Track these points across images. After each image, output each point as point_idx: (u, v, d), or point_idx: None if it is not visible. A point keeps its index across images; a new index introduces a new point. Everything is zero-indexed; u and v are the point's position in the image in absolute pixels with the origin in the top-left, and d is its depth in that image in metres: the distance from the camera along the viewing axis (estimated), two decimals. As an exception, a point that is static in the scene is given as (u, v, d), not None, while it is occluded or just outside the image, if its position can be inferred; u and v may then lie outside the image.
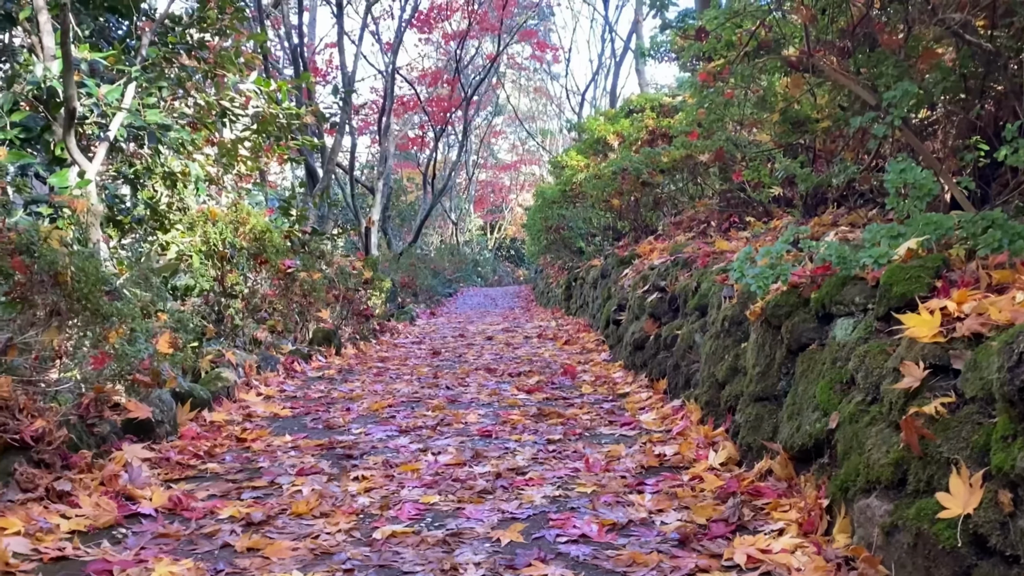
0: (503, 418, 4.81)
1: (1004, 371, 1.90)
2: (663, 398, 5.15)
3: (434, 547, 2.76)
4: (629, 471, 3.63)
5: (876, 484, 2.45)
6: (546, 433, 4.42)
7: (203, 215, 7.58)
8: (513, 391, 5.79)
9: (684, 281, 5.61)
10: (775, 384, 3.57)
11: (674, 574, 2.48)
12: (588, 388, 5.91)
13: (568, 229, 15.28)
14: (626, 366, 6.63)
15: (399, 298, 16.21)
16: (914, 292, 2.67)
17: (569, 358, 7.76)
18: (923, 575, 2.11)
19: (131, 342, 3.64)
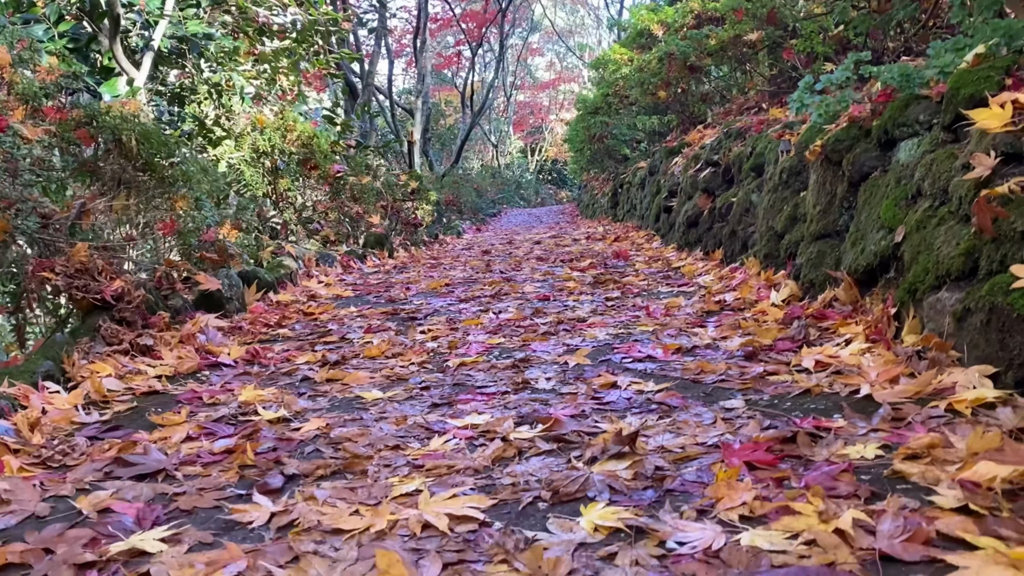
0: (559, 287, 4.86)
1: (1084, 122, 1.86)
2: (719, 265, 5.14)
3: (504, 370, 2.84)
4: (690, 315, 3.66)
5: (946, 278, 2.44)
6: (603, 295, 4.46)
7: (251, 123, 7.64)
8: (567, 271, 5.83)
9: (738, 150, 5.53)
10: (836, 220, 3.53)
11: (743, 377, 2.52)
12: (642, 265, 5.92)
13: (612, 137, 15.07)
14: (679, 247, 6.61)
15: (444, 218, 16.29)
16: (983, 91, 2.60)
17: (620, 248, 7.75)
18: (996, 348, 2.11)
19: (197, 208, 3.73)
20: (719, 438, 1.98)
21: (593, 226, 13.64)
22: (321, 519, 1.63)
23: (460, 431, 2.16)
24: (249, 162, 7.34)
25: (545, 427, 2.12)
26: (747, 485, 1.63)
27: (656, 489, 1.70)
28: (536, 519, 1.59)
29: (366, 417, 2.37)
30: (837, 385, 2.34)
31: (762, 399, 2.30)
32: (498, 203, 24.68)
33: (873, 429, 1.95)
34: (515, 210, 25.42)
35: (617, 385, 2.51)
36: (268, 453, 2.07)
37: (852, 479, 1.64)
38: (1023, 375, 2.02)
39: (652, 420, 2.16)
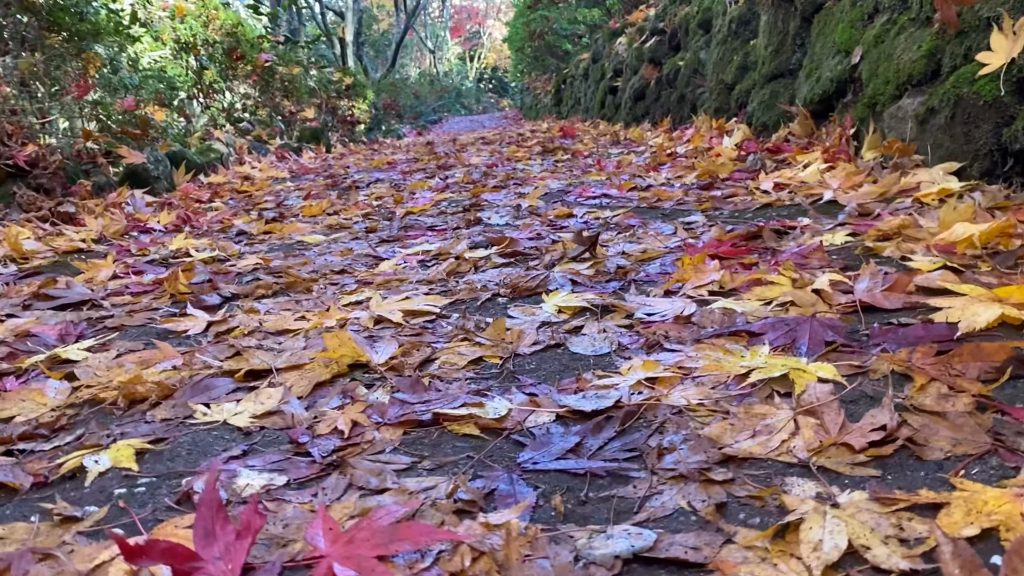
0: (507, 157, 4.71)
1: None
2: (668, 131, 5.03)
3: (454, 215, 2.71)
4: (641, 166, 3.56)
5: (907, 85, 2.36)
6: (553, 160, 4.33)
7: (170, 12, 7.17)
8: (513, 148, 5.66)
9: (683, 12, 5.35)
10: (789, 59, 3.42)
11: (701, 200, 2.43)
12: (590, 140, 5.78)
13: (552, 33, 14.68)
14: (626, 123, 6.48)
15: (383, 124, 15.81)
16: None
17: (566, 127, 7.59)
18: (961, 143, 2.05)
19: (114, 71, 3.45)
20: (681, 242, 1.89)
21: (537, 125, 13.39)
22: (264, 324, 1.50)
23: (410, 256, 2.04)
24: (171, 58, 6.91)
25: (500, 247, 2.01)
26: (715, 267, 1.55)
27: (620, 280, 1.61)
28: (496, 310, 1.49)
29: (309, 255, 2.23)
30: (799, 197, 2.27)
31: (722, 214, 2.22)
32: (439, 110, 24.08)
33: (840, 224, 1.88)
34: (456, 117, 24.83)
35: (573, 215, 2.41)
36: (203, 283, 1.92)
37: (824, 256, 1.57)
38: (988, 165, 1.97)
39: (611, 235, 2.07)
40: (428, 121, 19.92)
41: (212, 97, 7.29)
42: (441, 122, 21.27)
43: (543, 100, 16.39)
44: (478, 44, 36.04)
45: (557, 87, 14.16)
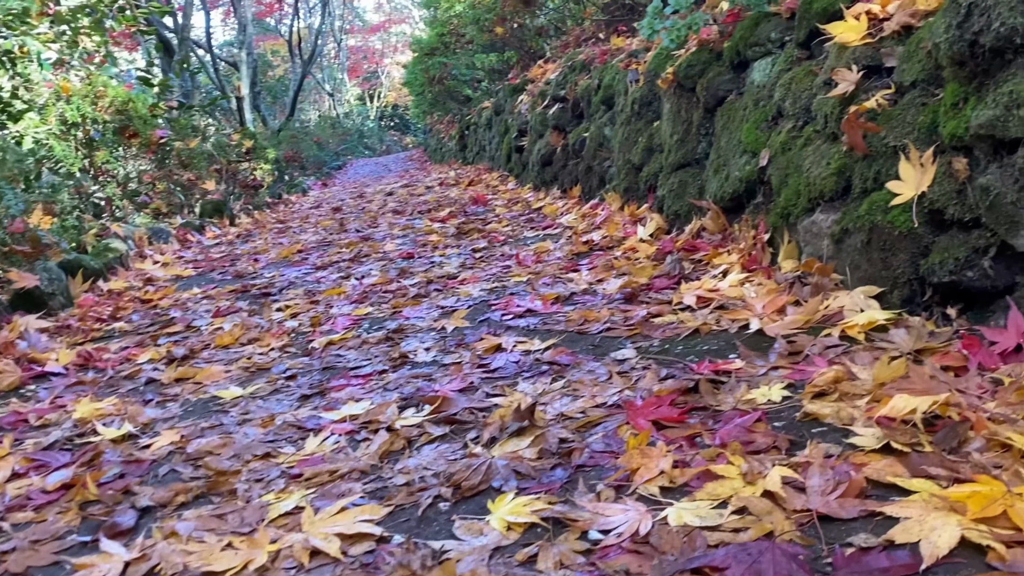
0: (422, 242, 4.64)
1: (952, 29, 1.81)
2: (579, 202, 5.05)
3: (377, 345, 2.62)
4: (561, 259, 3.54)
5: (819, 200, 2.40)
6: (469, 246, 4.27)
7: (55, 93, 6.84)
8: (427, 223, 5.59)
9: (585, 83, 5.41)
10: (695, 148, 3.48)
11: (628, 322, 2.41)
12: (503, 209, 5.77)
13: (452, 78, 14.73)
14: (535, 187, 6.50)
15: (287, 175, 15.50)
16: (836, 4, 2.55)
17: (477, 193, 7.57)
18: (879, 268, 2.09)
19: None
20: (619, 395, 1.85)
21: (444, 171, 13.36)
22: (187, 561, 1.38)
23: (338, 425, 1.94)
24: (58, 135, 6.58)
25: (433, 408, 1.93)
26: (661, 450, 1.51)
27: (565, 467, 1.55)
28: (440, 524, 1.41)
29: (227, 421, 2.10)
30: (725, 321, 2.28)
31: (652, 345, 2.20)
32: (342, 155, 23.79)
33: (773, 367, 1.88)
34: (361, 160, 24.60)
35: (502, 347, 2.35)
36: (114, 482, 1.77)
37: (767, 429, 1.55)
38: (908, 293, 2.01)
39: (546, 383, 2.01)
40: (332, 168, 19.66)
41: (106, 174, 6.98)
42: (345, 167, 21.01)
43: (447, 144, 16.38)
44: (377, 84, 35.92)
45: (461, 133, 14.18)
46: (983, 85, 1.79)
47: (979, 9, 1.75)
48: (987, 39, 1.73)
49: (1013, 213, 1.71)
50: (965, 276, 1.84)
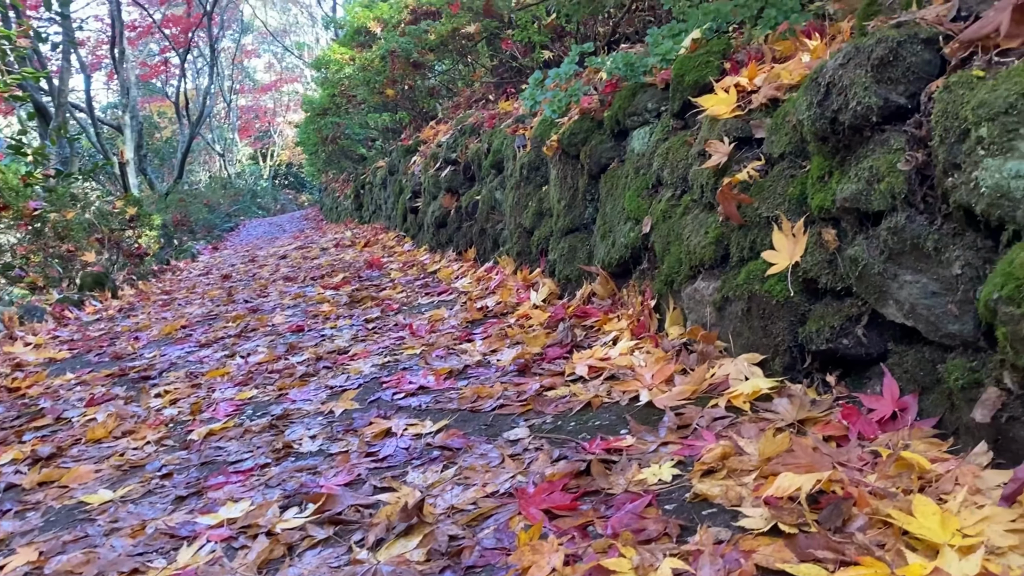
0: (313, 313, 4.50)
1: (813, 107, 1.89)
2: (474, 265, 5.04)
3: (260, 433, 2.49)
4: (455, 327, 3.49)
5: (700, 267, 2.45)
6: (362, 316, 4.18)
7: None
8: (319, 290, 5.46)
9: (475, 146, 5.45)
10: (582, 213, 3.52)
11: (521, 397, 2.37)
12: (398, 273, 5.69)
13: (345, 137, 14.65)
14: (431, 248, 6.46)
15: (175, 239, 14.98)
16: (707, 77, 2.64)
17: (372, 255, 7.47)
18: (760, 335, 2.13)
19: None
20: (511, 481, 1.80)
21: (340, 231, 13.20)
22: None
23: (214, 531, 1.81)
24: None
25: (317, 507, 1.83)
26: (553, 544, 1.47)
27: (455, 568, 1.48)
28: (321, 645, 1.32)
29: (93, 532, 1.93)
30: (616, 393, 2.27)
31: (545, 422, 2.16)
32: (234, 216, 23.21)
33: (663, 442, 1.87)
34: (254, 221, 24.03)
35: (392, 432, 2.27)
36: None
37: (658, 514, 1.53)
38: (789, 360, 2.05)
39: (436, 471, 1.94)
40: (223, 230, 19.13)
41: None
42: (238, 229, 20.48)
43: (343, 203, 16.21)
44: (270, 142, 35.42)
45: (357, 192, 14.06)
46: (846, 159, 1.87)
47: (837, 88, 1.83)
48: (846, 117, 1.81)
49: (881, 283, 1.76)
50: (841, 344, 1.89)
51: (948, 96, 1.59)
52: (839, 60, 1.83)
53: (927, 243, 1.64)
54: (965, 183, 1.53)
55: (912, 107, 1.75)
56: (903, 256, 1.70)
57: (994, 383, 1.51)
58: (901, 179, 1.68)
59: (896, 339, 1.80)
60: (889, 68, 1.75)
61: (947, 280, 1.62)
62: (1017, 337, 1.39)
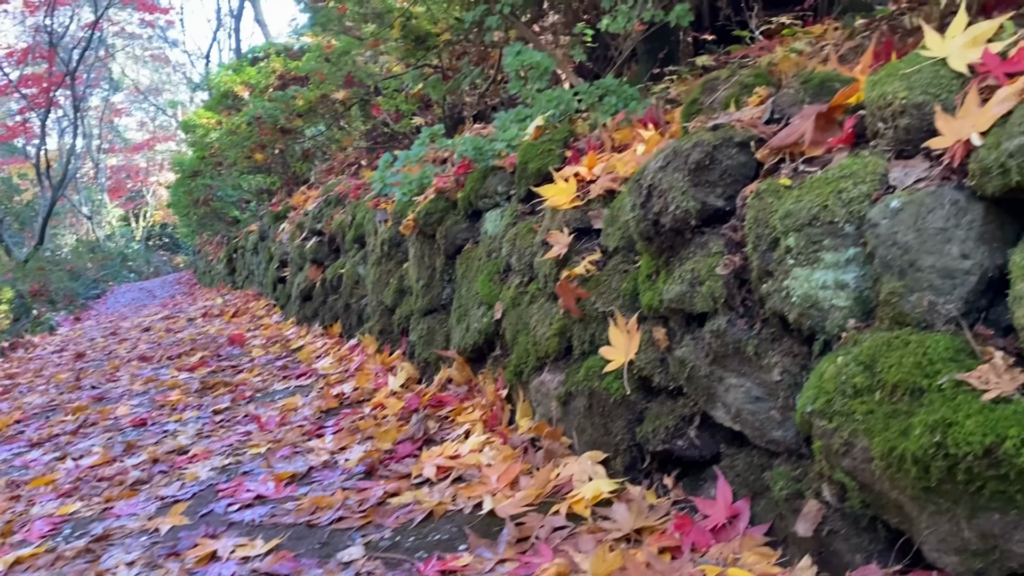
0: (161, 402, 4.22)
1: (637, 208, 1.88)
2: (339, 341, 4.87)
3: (73, 561, 2.25)
4: (307, 419, 3.32)
5: (546, 359, 2.40)
6: (212, 405, 3.93)
7: None
8: (173, 373, 5.15)
9: (340, 218, 5.32)
10: (440, 294, 3.44)
11: (363, 507, 2.24)
12: (259, 351, 5.44)
13: (218, 199, 14.21)
14: (298, 321, 6.24)
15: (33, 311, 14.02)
16: (548, 165, 2.64)
17: (238, 328, 7.15)
18: (602, 433, 2.09)
19: None
20: (337, 616, 1.67)
21: (212, 297, 12.70)
22: None
23: None
24: None
25: (115, 660, 1.63)
26: None
27: None
28: None
29: None
30: (461, 499, 2.17)
31: (384, 537, 2.04)
32: (102, 282, 22.03)
33: (500, 560, 1.78)
34: (124, 286, 22.85)
35: (218, 555, 2.09)
36: None
37: (483, 654, 1.43)
38: (631, 460, 2.00)
39: (258, 606, 1.78)
40: (89, 298, 18.10)
41: None
42: (105, 295, 19.44)
43: (216, 267, 15.64)
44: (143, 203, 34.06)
45: (229, 256, 13.61)
46: (670, 260, 1.86)
47: (657, 191, 1.83)
48: (666, 220, 1.80)
49: (708, 386, 1.75)
50: (676, 445, 1.86)
51: (759, 203, 1.61)
52: (659, 163, 1.84)
53: (748, 347, 1.64)
54: (778, 291, 1.54)
55: (730, 209, 1.77)
56: (727, 359, 1.69)
57: (814, 495, 1.50)
58: (720, 283, 1.68)
59: (728, 441, 1.79)
60: (706, 171, 1.76)
61: (769, 385, 1.61)
62: (831, 452, 1.39)
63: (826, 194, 1.47)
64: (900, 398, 1.28)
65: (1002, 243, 1.30)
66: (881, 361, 1.32)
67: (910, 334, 1.32)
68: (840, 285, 1.45)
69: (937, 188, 1.34)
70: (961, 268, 1.30)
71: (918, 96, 1.43)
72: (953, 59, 1.44)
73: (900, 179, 1.42)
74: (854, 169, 1.47)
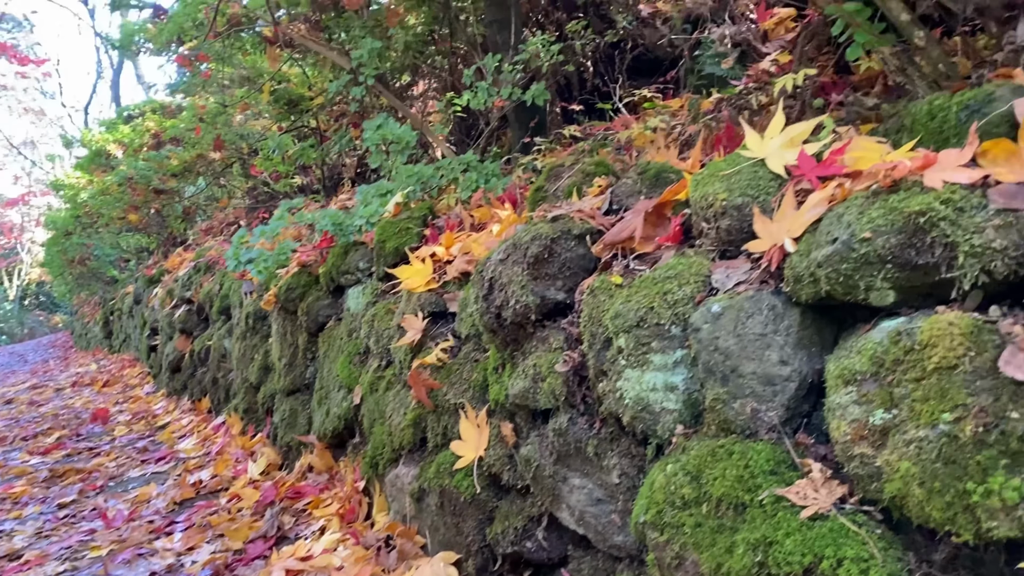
0: (2, 495, 3.87)
1: (480, 300, 1.83)
2: (207, 418, 4.62)
3: None
4: (159, 512, 3.09)
5: (401, 451, 2.30)
6: (58, 497, 3.63)
7: None
8: (25, 457, 4.76)
9: (208, 287, 5.10)
10: (303, 373, 3.30)
11: (200, 623, 2.07)
12: (123, 429, 5.11)
13: (95, 259, 13.55)
14: (169, 393, 5.92)
15: None
16: (406, 244, 2.57)
17: (106, 401, 6.73)
18: (454, 532, 1.99)
19: None
20: None
21: (86, 362, 12.02)
22: None
23: None
24: None
25: None
26: None
27: None
28: None
29: None
30: (306, 609, 2.03)
31: (218, 660, 1.87)
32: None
33: None
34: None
35: None
36: None
37: None
38: (482, 561, 1.92)
39: None
40: (-50, 365, 16.80)
41: None
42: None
43: (93, 329, 14.83)
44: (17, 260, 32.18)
45: (106, 318, 12.95)
46: (515, 354, 1.81)
47: (498, 284, 1.78)
48: (508, 314, 1.75)
49: (553, 486, 1.69)
50: (525, 547, 1.79)
51: (593, 300, 1.57)
52: (500, 255, 1.79)
53: (589, 447, 1.59)
54: (612, 391, 1.50)
55: (570, 303, 1.73)
56: (570, 459, 1.64)
57: (653, 608, 1.45)
58: (560, 380, 1.63)
59: (575, 543, 1.73)
60: (545, 264, 1.73)
61: (610, 487, 1.56)
62: (663, 565, 1.34)
63: (653, 295, 1.45)
64: (725, 512, 1.25)
65: (820, 348, 1.30)
66: (707, 472, 1.28)
67: (734, 443, 1.29)
68: (670, 387, 1.42)
69: (756, 292, 1.34)
70: (781, 374, 1.29)
71: (738, 198, 1.43)
72: (771, 160, 1.46)
73: (722, 281, 1.41)
74: (679, 270, 1.46)
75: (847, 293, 1.20)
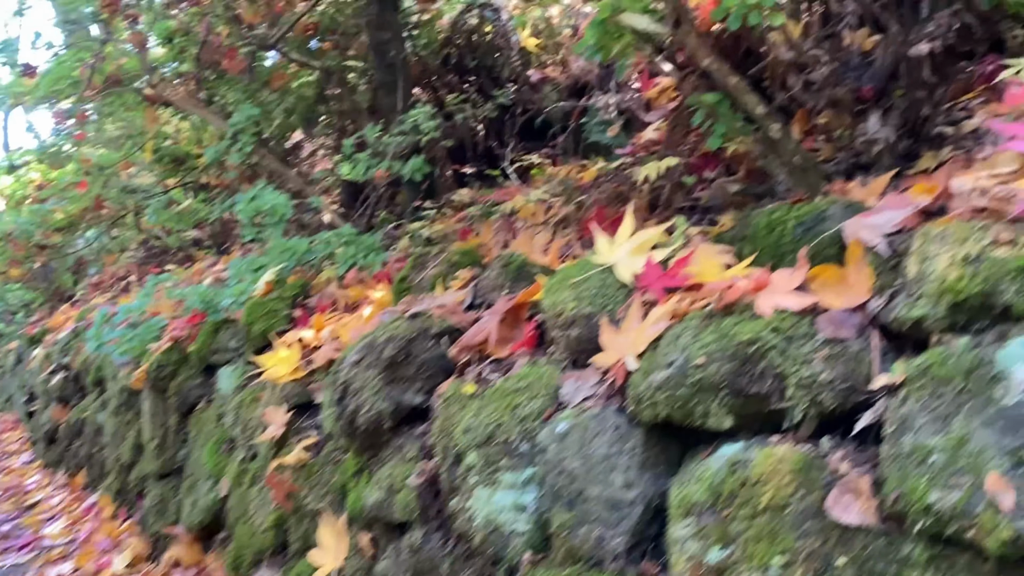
0: None
1: (334, 405, 1.74)
2: (81, 496, 4.33)
3: None
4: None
5: (263, 553, 2.16)
6: None
7: None
8: None
9: (85, 353, 4.81)
10: (174, 456, 3.11)
11: None
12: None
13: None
14: (46, 464, 5.54)
15: None
16: (274, 327, 2.45)
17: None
18: (314, 646, 1.87)
19: None
20: None
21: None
22: None
23: None
24: None
25: None
26: None
27: None
28: None
29: None
30: None
31: None
32: None
33: None
34: None
35: None
36: None
37: None
38: None
39: None
40: None
41: None
42: None
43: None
44: None
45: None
46: (372, 460, 1.72)
47: (352, 389, 1.69)
48: (362, 420, 1.67)
49: (409, 605, 1.59)
50: (383, 667, 1.68)
51: (446, 411, 1.51)
52: (355, 356, 1.71)
53: (443, 566, 1.50)
54: (463, 510, 1.42)
55: (428, 407, 1.66)
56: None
57: None
58: (414, 495, 1.55)
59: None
60: (401, 367, 1.65)
61: (467, 609, 1.48)
62: None
63: (503, 409, 1.39)
64: (568, 653, 1.18)
65: (666, 467, 1.26)
66: (550, 608, 1.22)
67: (580, 573, 1.23)
68: (519, 508, 1.36)
69: (601, 410, 1.29)
70: (626, 499, 1.24)
71: (587, 307, 1.39)
72: (619, 268, 1.43)
73: (570, 395, 1.36)
74: (531, 380, 1.41)
75: (685, 418, 1.17)
